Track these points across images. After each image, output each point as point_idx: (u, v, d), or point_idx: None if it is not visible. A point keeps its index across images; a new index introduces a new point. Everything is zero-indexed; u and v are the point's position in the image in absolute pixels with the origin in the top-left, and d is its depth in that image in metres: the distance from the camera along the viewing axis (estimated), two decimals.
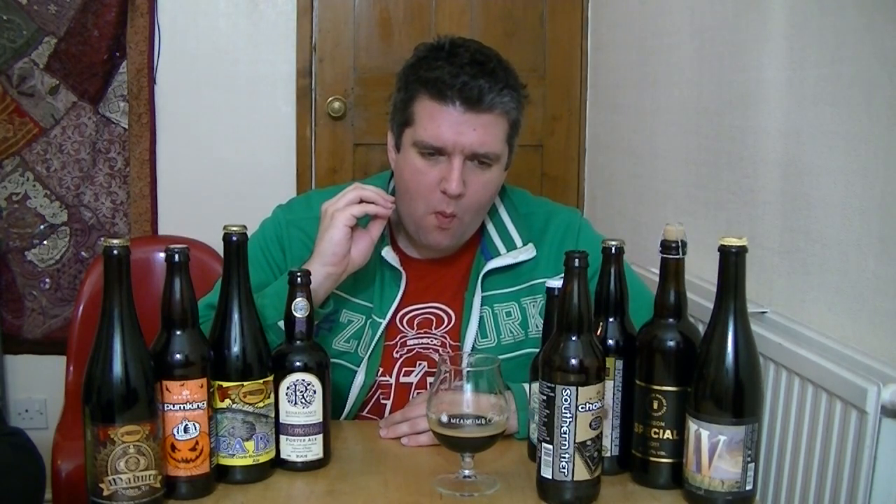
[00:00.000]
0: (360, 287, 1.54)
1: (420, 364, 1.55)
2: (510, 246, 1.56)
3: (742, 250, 1.16)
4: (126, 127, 2.85)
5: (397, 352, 1.55)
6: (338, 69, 2.94)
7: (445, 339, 1.55)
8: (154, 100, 2.86)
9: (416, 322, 1.56)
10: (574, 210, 1.69)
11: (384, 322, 1.52)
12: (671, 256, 1.22)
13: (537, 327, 1.53)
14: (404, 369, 1.55)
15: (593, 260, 1.21)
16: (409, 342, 1.55)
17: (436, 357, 1.53)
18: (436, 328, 1.56)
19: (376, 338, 1.51)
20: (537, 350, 1.35)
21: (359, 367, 1.52)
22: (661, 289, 1.24)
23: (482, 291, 1.54)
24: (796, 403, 1.51)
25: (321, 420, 1.28)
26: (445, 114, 1.43)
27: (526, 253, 1.55)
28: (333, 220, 1.42)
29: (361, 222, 1.46)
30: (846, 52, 1.49)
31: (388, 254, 1.53)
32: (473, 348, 1.51)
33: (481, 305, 1.53)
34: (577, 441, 1.15)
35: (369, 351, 1.51)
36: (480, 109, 1.42)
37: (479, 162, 1.46)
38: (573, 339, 1.16)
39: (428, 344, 1.55)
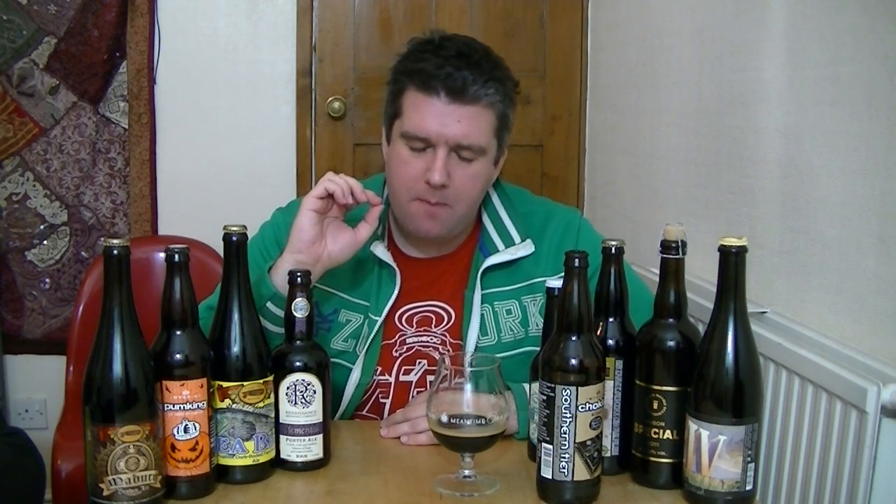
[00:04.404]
0: (358, 287, 1.54)
1: (420, 362, 1.55)
2: (508, 242, 1.56)
3: (742, 250, 1.16)
4: (126, 127, 2.85)
5: (396, 350, 1.55)
6: (338, 69, 2.94)
7: (445, 337, 1.55)
8: (154, 100, 2.86)
9: (415, 320, 1.56)
10: (574, 210, 1.70)
11: (380, 319, 1.52)
12: (671, 256, 1.22)
13: (537, 325, 1.53)
14: (404, 368, 1.55)
15: (593, 259, 1.21)
16: (408, 340, 1.55)
17: (435, 355, 1.53)
18: (435, 326, 1.56)
19: (372, 335, 1.51)
20: (537, 348, 1.35)
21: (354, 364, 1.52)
22: (661, 289, 1.24)
23: (482, 289, 1.54)
24: (796, 403, 1.51)
25: (321, 420, 1.28)
26: (430, 105, 1.45)
27: (524, 249, 1.55)
28: (300, 207, 1.43)
29: (351, 217, 1.47)
30: (846, 52, 1.49)
31: (378, 249, 1.53)
32: (476, 347, 1.51)
33: (482, 303, 1.53)
34: (577, 441, 1.15)
35: (366, 347, 1.51)
36: (465, 100, 1.44)
37: (463, 155, 1.47)
38: (573, 339, 1.16)
39: (427, 342, 1.55)
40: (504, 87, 1.49)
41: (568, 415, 1.14)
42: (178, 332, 1.18)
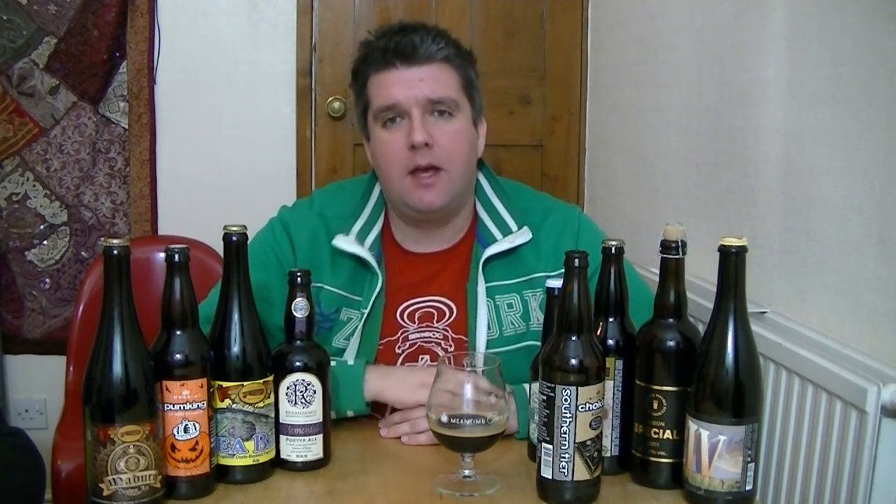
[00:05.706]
0: (356, 285, 1.55)
1: (423, 358, 1.55)
2: (505, 231, 1.57)
3: (742, 250, 1.16)
4: (126, 127, 2.85)
5: (399, 347, 1.55)
6: (338, 69, 2.94)
7: (447, 332, 1.55)
8: (154, 100, 2.86)
9: (416, 316, 1.56)
10: (574, 206, 1.70)
11: (366, 311, 1.52)
12: (671, 256, 1.22)
13: (538, 320, 1.53)
14: (406, 364, 1.55)
15: (594, 257, 1.21)
16: (410, 336, 1.55)
17: (438, 351, 1.53)
18: (437, 321, 1.56)
19: (359, 326, 1.51)
20: (539, 342, 1.35)
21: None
22: (661, 289, 1.24)
23: (485, 281, 1.54)
24: (796, 403, 1.51)
25: (321, 420, 1.28)
26: (390, 77, 1.50)
27: (522, 236, 1.56)
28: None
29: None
30: (846, 52, 1.49)
31: (340, 241, 1.54)
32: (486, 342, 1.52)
33: (485, 296, 1.54)
34: (577, 441, 1.15)
35: (358, 336, 1.51)
36: (420, 61, 1.49)
37: (440, 112, 1.50)
38: (573, 339, 1.16)
39: (430, 338, 1.55)
40: (456, 45, 1.54)
41: (568, 415, 1.14)
42: (178, 332, 1.18)
